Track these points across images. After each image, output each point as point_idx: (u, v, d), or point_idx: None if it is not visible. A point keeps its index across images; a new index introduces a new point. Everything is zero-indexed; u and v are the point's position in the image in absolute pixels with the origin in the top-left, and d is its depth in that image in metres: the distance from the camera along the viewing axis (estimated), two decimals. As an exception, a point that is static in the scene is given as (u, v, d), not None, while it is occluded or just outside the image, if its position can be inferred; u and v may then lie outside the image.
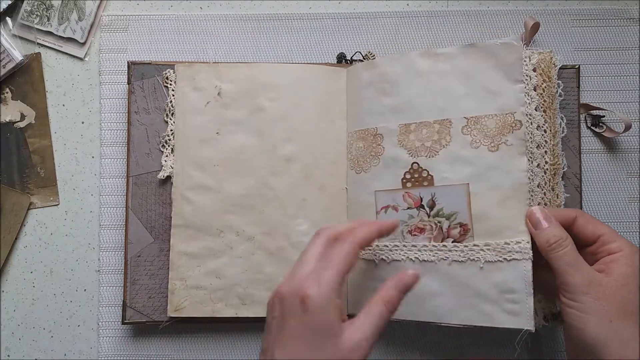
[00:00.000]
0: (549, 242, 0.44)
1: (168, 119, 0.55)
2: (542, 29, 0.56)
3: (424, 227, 0.50)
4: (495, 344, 0.54)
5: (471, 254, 0.48)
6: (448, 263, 0.48)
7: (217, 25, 0.58)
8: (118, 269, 0.55)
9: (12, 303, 0.56)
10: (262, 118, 0.54)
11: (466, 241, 0.48)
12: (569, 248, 0.43)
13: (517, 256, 0.46)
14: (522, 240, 0.46)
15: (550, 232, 0.44)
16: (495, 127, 0.48)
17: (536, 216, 0.45)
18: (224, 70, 0.55)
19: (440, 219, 0.49)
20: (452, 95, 0.49)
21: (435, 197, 0.49)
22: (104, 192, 0.56)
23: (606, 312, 0.41)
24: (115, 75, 0.57)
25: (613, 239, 0.44)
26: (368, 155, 0.52)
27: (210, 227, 0.53)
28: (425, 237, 0.50)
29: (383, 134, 0.52)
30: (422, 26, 0.58)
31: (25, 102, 0.57)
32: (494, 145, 0.48)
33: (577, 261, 0.43)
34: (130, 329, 0.55)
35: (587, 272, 0.42)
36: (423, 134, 0.50)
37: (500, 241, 0.47)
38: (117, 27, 0.58)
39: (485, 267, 0.47)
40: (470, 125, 0.49)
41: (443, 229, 0.49)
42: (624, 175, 0.56)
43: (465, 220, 0.48)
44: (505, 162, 0.47)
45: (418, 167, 0.50)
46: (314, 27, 0.58)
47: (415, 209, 0.50)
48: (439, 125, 0.50)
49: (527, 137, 0.48)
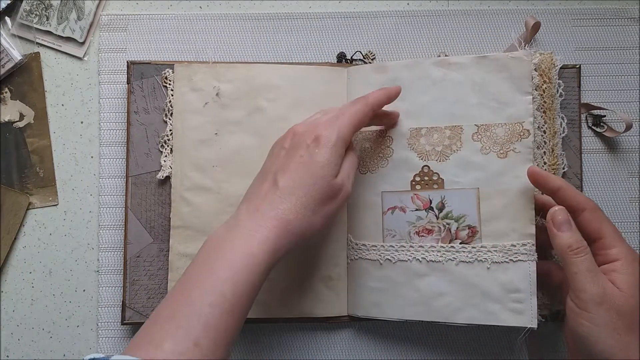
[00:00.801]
0: (572, 246, 0.43)
1: (167, 119, 0.55)
2: (543, 28, 0.56)
3: (432, 228, 0.51)
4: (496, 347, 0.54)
5: (479, 255, 0.49)
6: (455, 263, 0.49)
7: (216, 24, 0.58)
8: (117, 269, 0.55)
9: (11, 303, 0.56)
10: (261, 119, 0.54)
11: (474, 243, 0.49)
12: (590, 255, 0.43)
13: (522, 257, 0.48)
14: (528, 243, 0.48)
15: (574, 237, 0.44)
16: (504, 135, 0.49)
17: (560, 218, 0.45)
18: (222, 70, 0.54)
19: (449, 220, 0.50)
20: (464, 104, 0.51)
21: (445, 200, 0.50)
22: (103, 192, 0.56)
23: (615, 325, 0.41)
24: (115, 74, 0.57)
25: (613, 244, 0.44)
26: (375, 156, 0.52)
27: (209, 228, 0.53)
28: (433, 239, 0.50)
29: (392, 136, 0.52)
30: (423, 26, 0.58)
31: (24, 101, 0.57)
32: (503, 152, 0.49)
33: (596, 269, 0.43)
34: (129, 329, 0.55)
35: (603, 283, 0.42)
36: (434, 138, 0.51)
37: (507, 243, 0.48)
38: (116, 26, 0.58)
39: (492, 268, 0.48)
40: (481, 133, 0.50)
41: (452, 231, 0.50)
42: (625, 175, 0.56)
43: (474, 223, 0.49)
44: (513, 169, 0.49)
45: (429, 170, 0.51)
46: (314, 26, 0.58)
47: (424, 211, 0.51)
48: (450, 131, 0.51)
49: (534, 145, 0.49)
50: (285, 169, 0.44)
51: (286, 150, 0.45)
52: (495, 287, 0.48)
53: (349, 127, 0.45)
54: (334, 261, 0.54)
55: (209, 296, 0.38)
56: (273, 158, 0.46)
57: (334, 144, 0.44)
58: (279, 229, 0.41)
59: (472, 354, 0.55)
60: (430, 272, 0.50)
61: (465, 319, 0.49)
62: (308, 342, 0.55)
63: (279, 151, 0.45)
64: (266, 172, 0.45)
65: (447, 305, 0.49)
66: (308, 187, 0.43)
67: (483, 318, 0.48)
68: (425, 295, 0.50)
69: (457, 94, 0.51)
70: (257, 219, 0.42)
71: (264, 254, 0.40)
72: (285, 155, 0.45)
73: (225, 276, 0.39)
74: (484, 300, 0.48)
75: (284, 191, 0.43)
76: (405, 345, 0.55)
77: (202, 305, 0.38)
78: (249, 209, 0.43)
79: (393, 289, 0.51)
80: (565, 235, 0.44)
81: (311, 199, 0.43)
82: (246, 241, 0.41)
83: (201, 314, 0.37)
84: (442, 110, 0.51)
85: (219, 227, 0.43)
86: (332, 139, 0.44)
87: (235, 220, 0.43)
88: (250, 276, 0.39)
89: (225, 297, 0.38)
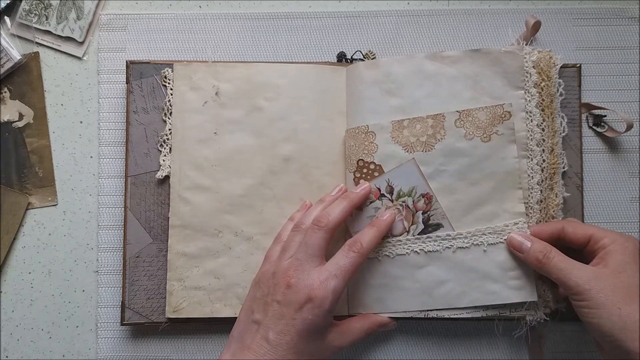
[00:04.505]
0: (538, 258, 0.46)
1: (166, 118, 0.54)
2: (543, 28, 0.56)
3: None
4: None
5: (474, 239, 0.50)
6: (453, 251, 0.51)
7: (216, 24, 0.58)
8: (116, 269, 0.55)
9: (11, 304, 0.56)
10: (260, 118, 0.54)
11: (433, 207, 0.51)
12: (555, 255, 0.45)
13: None
14: (520, 221, 0.50)
15: (536, 249, 0.47)
16: (486, 119, 0.51)
17: (517, 240, 0.48)
18: (221, 69, 0.54)
19: (404, 198, 0.51)
20: (458, 99, 0.51)
21: (390, 182, 0.51)
22: (102, 192, 0.56)
23: (612, 301, 0.42)
24: (114, 74, 0.57)
25: (603, 234, 0.46)
26: (360, 153, 0.52)
27: (209, 228, 0.53)
28: (398, 221, 0.51)
29: (375, 131, 0.52)
30: (423, 25, 0.58)
31: (23, 101, 0.57)
32: (487, 136, 0.51)
33: (568, 264, 0.45)
34: (129, 329, 0.55)
35: (583, 270, 0.44)
36: (417, 129, 0.51)
37: (499, 224, 0.50)
38: (115, 26, 0.57)
39: (488, 250, 0.50)
40: (463, 118, 0.51)
41: (410, 206, 0.51)
42: (625, 175, 0.56)
43: (425, 190, 0.51)
44: (498, 151, 0.50)
45: (363, 162, 0.52)
46: (314, 26, 0.58)
47: (377, 200, 0.52)
48: (432, 120, 0.51)
49: (529, 137, 0.51)
50: (275, 326, 0.44)
51: (279, 305, 0.45)
52: (494, 267, 0.50)
53: (343, 283, 0.45)
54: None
55: None
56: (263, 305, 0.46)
57: (328, 311, 0.44)
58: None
59: (472, 354, 0.54)
60: (429, 262, 0.51)
61: (468, 302, 0.50)
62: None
63: (270, 301, 0.45)
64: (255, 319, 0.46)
65: (450, 291, 0.50)
66: (298, 350, 0.43)
67: (486, 299, 0.50)
68: (426, 285, 0.51)
69: (450, 88, 0.52)
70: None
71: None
72: (278, 310, 0.44)
73: None
74: (484, 282, 0.50)
75: (275, 346, 0.43)
76: (405, 344, 0.55)
77: None
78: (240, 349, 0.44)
79: (394, 283, 0.51)
80: (529, 254, 0.47)
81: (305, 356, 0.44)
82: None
83: None
84: (436, 106, 0.52)
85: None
86: (326, 304, 0.44)
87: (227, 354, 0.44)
88: None
89: None
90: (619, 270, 0.43)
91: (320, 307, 0.44)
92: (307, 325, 0.43)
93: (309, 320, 0.43)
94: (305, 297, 0.44)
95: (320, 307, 0.44)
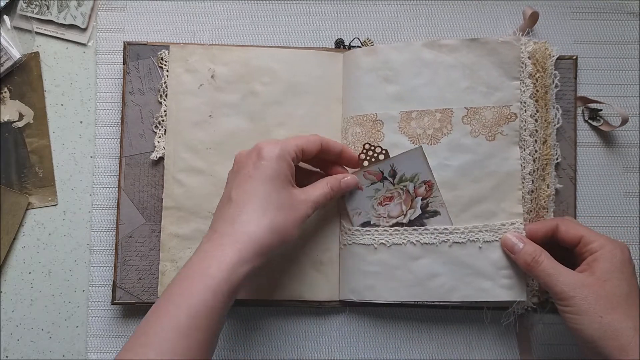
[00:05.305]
0: (527, 261, 0.47)
1: (162, 100, 0.54)
2: (542, 20, 0.55)
3: (391, 195, 0.52)
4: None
5: (471, 235, 0.51)
6: (449, 245, 0.51)
7: (214, 6, 0.57)
8: (109, 249, 0.55)
9: (11, 304, 0.56)
10: (256, 102, 0.54)
11: (433, 194, 0.51)
12: (545, 260, 0.46)
13: None
14: (517, 222, 0.50)
15: (526, 252, 0.47)
16: (492, 118, 0.51)
17: (510, 241, 0.49)
18: (217, 53, 0.54)
19: (405, 183, 0.52)
20: (455, 88, 0.52)
21: (394, 167, 0.52)
22: (97, 171, 0.56)
23: (595, 309, 0.43)
24: (112, 55, 0.57)
25: (593, 238, 0.46)
26: (366, 140, 0.52)
27: (202, 210, 0.53)
28: (396, 204, 0.52)
29: (383, 120, 0.52)
30: (422, 13, 0.58)
31: (23, 101, 0.57)
32: (492, 135, 0.51)
33: (556, 270, 0.45)
34: (119, 309, 0.55)
35: (569, 277, 0.45)
36: (424, 121, 0.52)
37: (497, 222, 0.50)
38: (114, 6, 0.57)
39: (483, 247, 0.50)
40: (470, 116, 0.51)
41: (410, 191, 0.52)
42: (619, 170, 0.56)
43: (427, 177, 0.52)
44: (501, 151, 0.51)
45: (370, 146, 0.52)
46: (312, 11, 0.58)
47: (379, 182, 0.52)
48: (440, 114, 0.52)
49: (522, 127, 0.51)
50: (237, 185, 0.45)
51: (234, 172, 0.47)
52: (487, 265, 0.50)
53: (293, 146, 0.46)
54: (325, 246, 0.54)
55: (164, 322, 0.39)
56: (226, 184, 0.47)
57: (277, 155, 0.45)
58: (241, 243, 0.42)
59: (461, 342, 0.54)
60: (424, 254, 0.51)
61: (459, 297, 0.50)
62: (299, 328, 0.55)
63: (229, 176, 0.47)
64: (222, 197, 0.47)
65: (442, 285, 0.51)
66: (262, 196, 0.44)
67: (476, 295, 0.50)
68: (420, 277, 0.51)
69: (448, 77, 0.52)
70: (213, 240, 0.43)
71: (223, 272, 0.41)
72: (235, 175, 0.46)
73: (179, 301, 0.40)
74: (476, 279, 0.50)
75: (239, 203, 0.44)
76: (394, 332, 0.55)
77: (157, 332, 0.39)
78: (208, 233, 0.44)
79: (388, 272, 0.51)
80: (520, 255, 0.47)
81: (270, 206, 0.44)
82: (202, 263, 0.42)
83: (155, 342, 0.38)
84: (433, 94, 0.52)
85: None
86: (275, 151, 0.45)
87: (198, 245, 0.44)
88: (207, 297, 0.40)
89: (179, 322, 0.39)
90: (604, 278, 0.44)
91: (269, 156, 0.45)
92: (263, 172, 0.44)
93: (263, 167, 0.44)
94: (255, 154, 0.45)
95: (270, 157, 0.45)
